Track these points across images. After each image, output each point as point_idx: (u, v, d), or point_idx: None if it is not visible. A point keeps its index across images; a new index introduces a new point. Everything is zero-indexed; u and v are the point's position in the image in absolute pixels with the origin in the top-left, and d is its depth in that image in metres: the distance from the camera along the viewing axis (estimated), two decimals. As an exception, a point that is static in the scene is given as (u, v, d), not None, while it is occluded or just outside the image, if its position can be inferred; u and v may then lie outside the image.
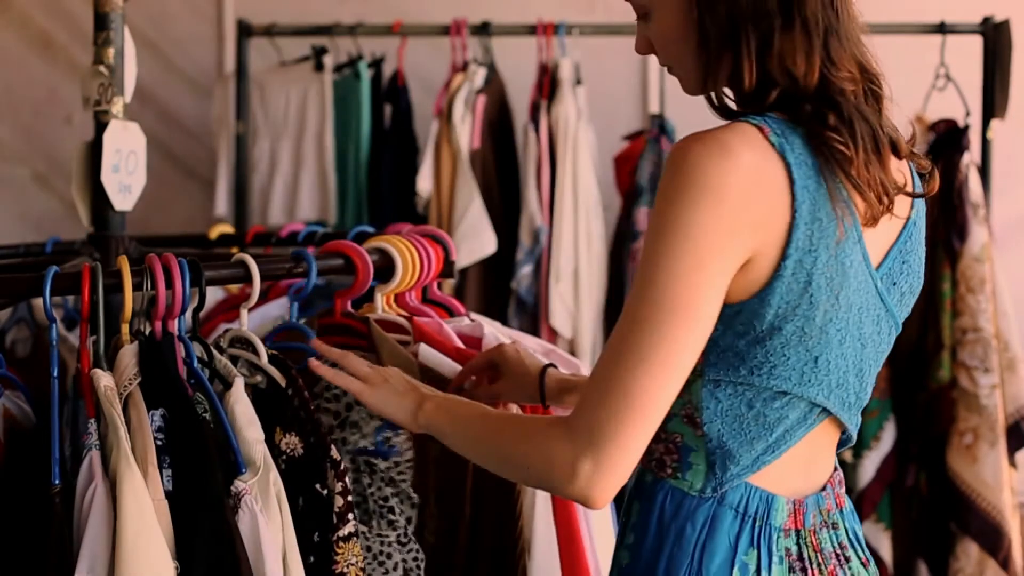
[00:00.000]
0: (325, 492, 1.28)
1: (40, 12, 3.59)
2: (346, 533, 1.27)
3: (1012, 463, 2.82)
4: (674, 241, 1.08)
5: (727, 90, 1.19)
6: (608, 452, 1.07)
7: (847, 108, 1.14)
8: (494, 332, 1.58)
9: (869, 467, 2.85)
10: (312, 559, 1.26)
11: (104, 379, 1.22)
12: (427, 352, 1.48)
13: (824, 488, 1.23)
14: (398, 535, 1.40)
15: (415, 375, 1.41)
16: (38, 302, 1.43)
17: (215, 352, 1.33)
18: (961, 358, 2.81)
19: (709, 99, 1.19)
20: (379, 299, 1.57)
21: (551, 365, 1.43)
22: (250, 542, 1.16)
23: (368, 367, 1.36)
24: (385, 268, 1.54)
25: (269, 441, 1.28)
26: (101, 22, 1.65)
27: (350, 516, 1.27)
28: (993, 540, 2.74)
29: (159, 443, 1.21)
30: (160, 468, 1.19)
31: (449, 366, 1.47)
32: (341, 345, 1.45)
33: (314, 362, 1.38)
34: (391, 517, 1.39)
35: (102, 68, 1.64)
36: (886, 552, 2.86)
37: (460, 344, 1.52)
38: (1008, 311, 2.85)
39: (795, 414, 1.17)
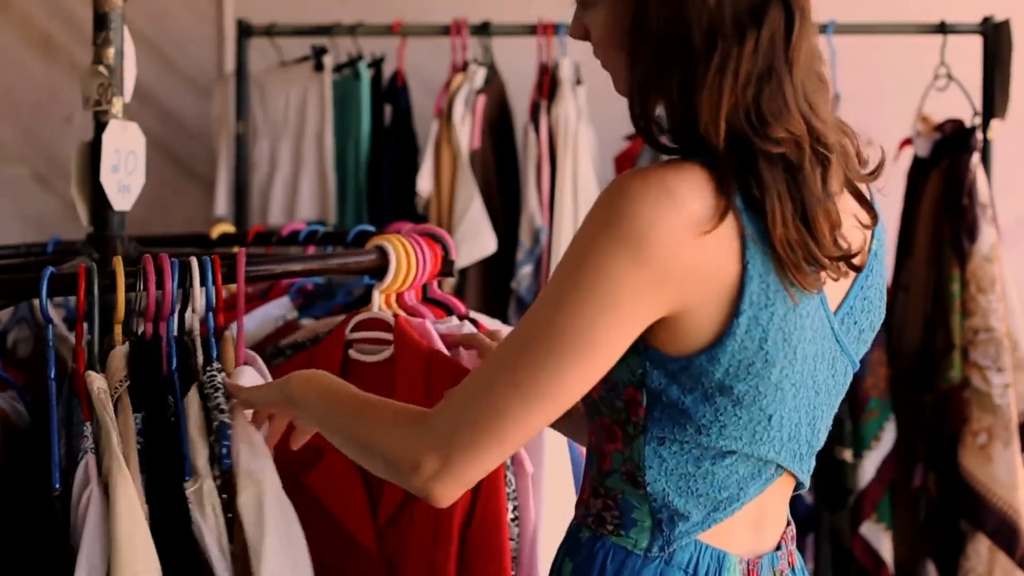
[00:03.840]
0: None
1: (40, 12, 3.59)
2: None
3: (1024, 461, 2.82)
4: (587, 282, 1.00)
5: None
6: (456, 458, 1.03)
7: (768, 180, 1.00)
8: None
9: (869, 467, 2.84)
10: None
11: (98, 381, 1.23)
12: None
13: (779, 547, 1.17)
14: None
15: None
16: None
17: (195, 354, 1.32)
18: (973, 358, 2.78)
19: (639, 130, 1.07)
20: (377, 297, 1.57)
21: None
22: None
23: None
24: (381, 266, 1.54)
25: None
26: (101, 22, 1.64)
27: None
28: (1009, 538, 2.71)
29: (139, 447, 1.22)
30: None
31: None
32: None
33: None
34: None
35: (102, 68, 1.64)
36: (886, 552, 2.85)
37: (441, 347, 1.50)
38: (1016, 310, 2.83)
39: (745, 469, 1.10)
